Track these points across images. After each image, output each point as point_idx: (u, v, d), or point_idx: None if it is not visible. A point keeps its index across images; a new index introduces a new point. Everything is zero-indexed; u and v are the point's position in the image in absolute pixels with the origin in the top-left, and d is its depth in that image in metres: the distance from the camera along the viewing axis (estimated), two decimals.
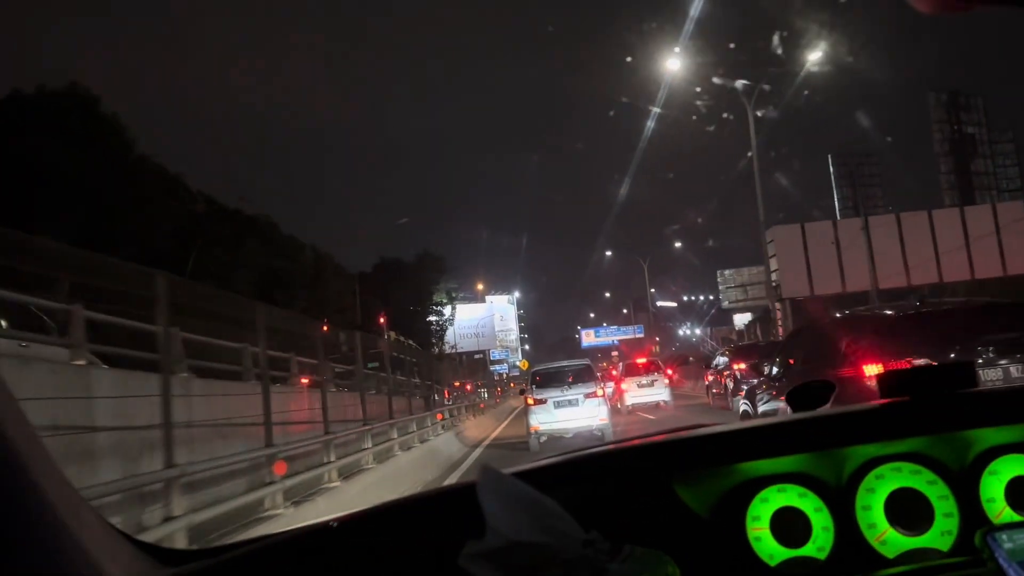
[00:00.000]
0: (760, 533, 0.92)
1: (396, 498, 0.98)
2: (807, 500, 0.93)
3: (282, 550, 0.89)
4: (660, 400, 19.20)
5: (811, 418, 1.03)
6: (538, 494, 0.77)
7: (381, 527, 0.91)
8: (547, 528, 0.76)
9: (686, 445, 1.01)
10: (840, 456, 0.95)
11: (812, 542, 0.91)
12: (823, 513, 0.92)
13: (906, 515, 0.91)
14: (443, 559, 0.74)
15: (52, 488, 0.64)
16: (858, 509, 0.92)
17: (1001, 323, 4.69)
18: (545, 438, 11.78)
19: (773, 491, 0.94)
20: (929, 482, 0.93)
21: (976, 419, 0.94)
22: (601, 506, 0.89)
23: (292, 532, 0.93)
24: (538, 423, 11.66)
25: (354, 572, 0.85)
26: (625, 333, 67.76)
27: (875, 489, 0.93)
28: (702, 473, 0.95)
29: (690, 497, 0.93)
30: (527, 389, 12.43)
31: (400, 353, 18.46)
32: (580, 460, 1.00)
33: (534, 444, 11.76)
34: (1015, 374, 4.24)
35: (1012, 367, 4.24)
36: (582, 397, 11.67)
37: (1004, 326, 4.63)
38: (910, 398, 0.98)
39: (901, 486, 0.93)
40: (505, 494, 0.78)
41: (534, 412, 11.79)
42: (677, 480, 0.93)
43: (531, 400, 11.93)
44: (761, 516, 0.92)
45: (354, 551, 0.87)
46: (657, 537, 0.83)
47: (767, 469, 0.95)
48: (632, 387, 19.69)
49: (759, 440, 0.97)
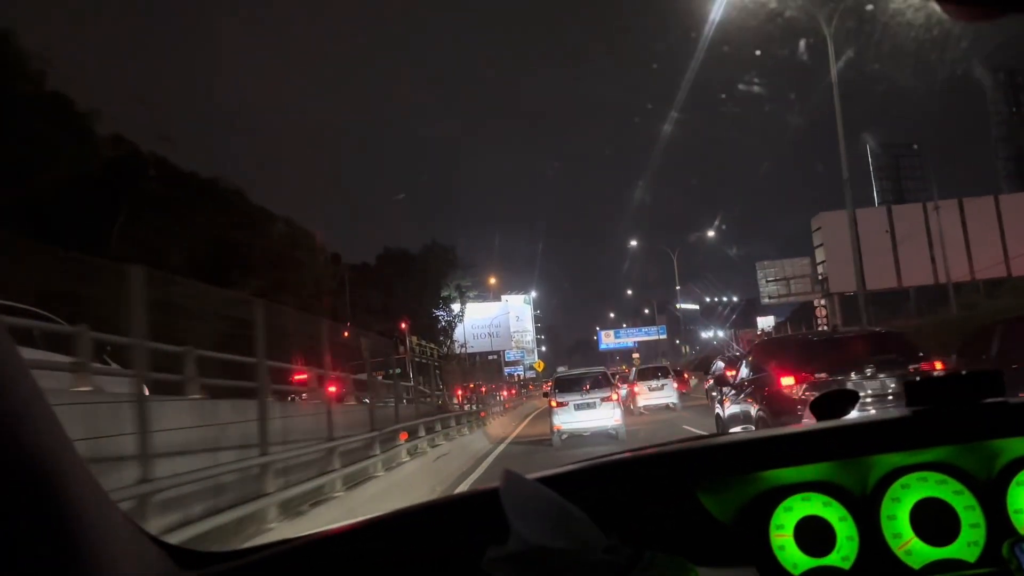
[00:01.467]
0: (784, 541, 0.93)
1: (421, 502, 1.00)
2: (831, 509, 0.94)
3: (304, 554, 0.91)
4: (669, 402, 21.56)
5: (835, 427, 1.04)
6: (561, 499, 0.79)
7: (405, 530, 0.93)
8: (569, 533, 0.77)
9: (710, 452, 1.02)
10: (865, 465, 0.96)
11: (836, 551, 0.92)
12: (848, 522, 0.93)
13: (932, 525, 0.92)
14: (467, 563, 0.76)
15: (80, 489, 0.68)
16: (883, 518, 0.93)
17: (883, 347, 6.64)
18: (567, 436, 13.91)
19: (797, 500, 0.95)
20: (955, 492, 0.94)
21: (1003, 428, 0.95)
22: (623, 512, 0.90)
23: (313, 536, 0.95)
24: (560, 423, 13.75)
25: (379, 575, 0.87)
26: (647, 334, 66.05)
27: (900, 499, 0.94)
28: (726, 481, 0.96)
29: (713, 505, 0.94)
30: (551, 393, 14.61)
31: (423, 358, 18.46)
32: (603, 466, 1.02)
33: (556, 441, 13.76)
34: (889, 385, 6.07)
35: (887, 380, 6.12)
36: (599, 400, 13.72)
37: (884, 350, 6.57)
38: (936, 407, 0.98)
39: (927, 496, 0.94)
40: (528, 499, 0.80)
41: (557, 413, 13.83)
42: (700, 487, 0.94)
43: (554, 403, 13.99)
44: (785, 524, 0.93)
45: (377, 555, 0.89)
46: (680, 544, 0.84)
47: (791, 477, 0.96)
48: (644, 390, 22.28)
49: (783, 448, 0.97)
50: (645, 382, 22.51)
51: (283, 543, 0.96)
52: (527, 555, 0.75)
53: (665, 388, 21.88)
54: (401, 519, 0.96)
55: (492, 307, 59.14)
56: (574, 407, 13.66)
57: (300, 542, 0.93)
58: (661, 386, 21.92)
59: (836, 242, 29.27)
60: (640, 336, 66.06)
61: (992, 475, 0.96)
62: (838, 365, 6.33)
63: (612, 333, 67.92)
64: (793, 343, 7.67)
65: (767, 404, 6.71)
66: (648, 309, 74.84)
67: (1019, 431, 0.95)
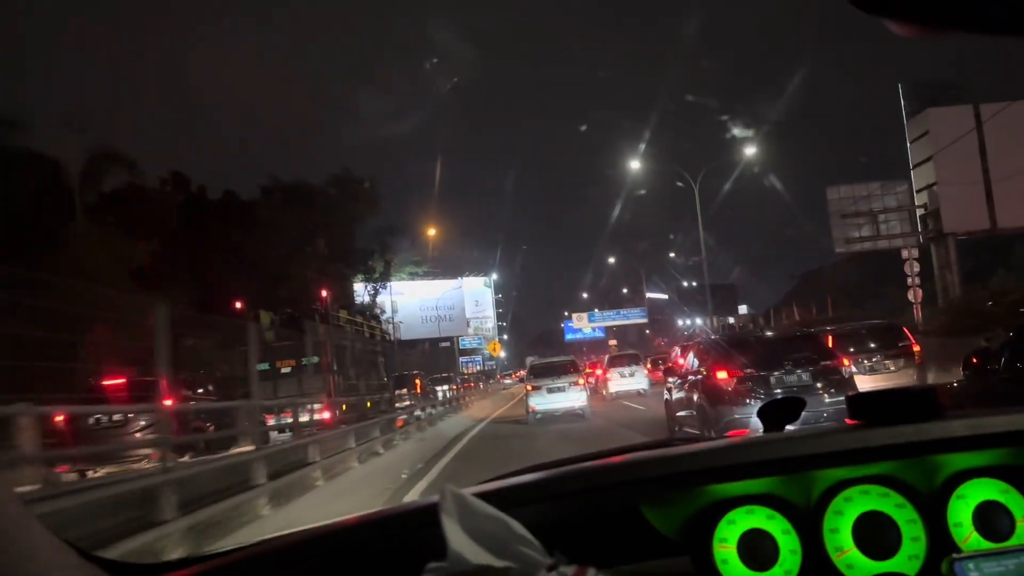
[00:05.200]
0: (727, 555, 0.97)
1: (356, 515, 1.02)
2: (775, 522, 0.99)
3: (237, 570, 0.93)
4: (639, 389, 23.68)
5: (780, 439, 1.09)
6: (501, 515, 0.82)
7: (339, 546, 0.95)
8: (510, 551, 0.80)
9: (654, 465, 1.05)
10: (809, 478, 1.01)
11: (779, 565, 0.97)
12: (791, 536, 0.98)
13: (874, 539, 0.97)
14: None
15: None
16: (826, 532, 0.98)
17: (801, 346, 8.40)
18: (540, 416, 16.49)
19: (741, 512, 0.99)
20: (897, 505, 0.99)
21: (944, 443, 1.00)
22: (567, 527, 0.93)
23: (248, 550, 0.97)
24: (535, 404, 16.63)
25: None
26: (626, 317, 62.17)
27: (843, 512, 0.99)
28: (670, 495, 1.00)
29: (657, 518, 0.98)
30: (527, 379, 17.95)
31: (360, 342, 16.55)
32: (546, 480, 1.05)
33: (532, 420, 16.45)
34: (804, 379, 7.74)
35: (803, 374, 7.80)
36: (568, 385, 16.63)
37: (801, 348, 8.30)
38: (879, 421, 1.04)
39: (869, 509, 0.99)
40: (467, 514, 0.82)
41: (532, 396, 16.76)
42: (644, 501, 0.99)
43: (530, 387, 17.09)
44: (728, 538, 0.98)
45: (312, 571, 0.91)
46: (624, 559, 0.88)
47: (736, 490, 1.00)
48: (615, 377, 24.48)
49: (728, 462, 1.01)
50: (616, 369, 24.82)
51: (221, 555, 0.98)
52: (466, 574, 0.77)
53: (636, 375, 24.26)
54: (336, 534, 0.98)
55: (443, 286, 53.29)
56: (547, 390, 16.51)
57: (234, 558, 0.95)
58: (632, 373, 24.35)
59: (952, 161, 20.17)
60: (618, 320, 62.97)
61: (934, 489, 1.01)
62: (763, 363, 7.98)
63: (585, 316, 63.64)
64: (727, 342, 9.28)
65: (705, 393, 8.30)
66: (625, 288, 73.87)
67: (960, 446, 1.00)
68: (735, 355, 8.32)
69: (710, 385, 8.23)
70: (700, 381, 8.58)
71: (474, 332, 61.88)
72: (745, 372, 7.96)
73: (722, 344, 9.10)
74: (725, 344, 9.04)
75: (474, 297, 62.44)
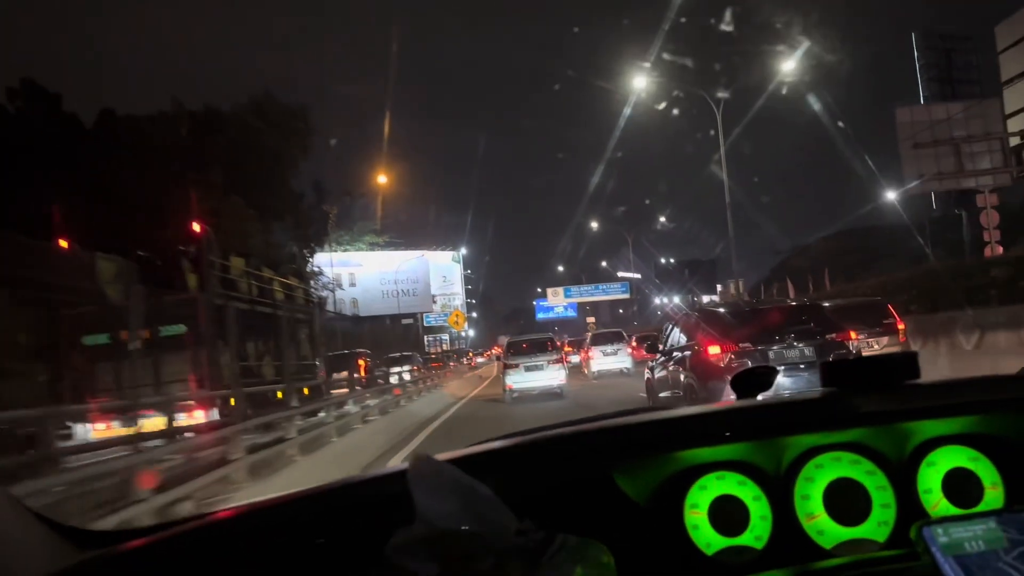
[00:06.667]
0: (698, 520, 1.05)
1: (327, 483, 1.08)
2: (746, 488, 1.07)
3: (204, 534, 0.99)
4: (622, 367, 24.39)
5: (752, 406, 1.17)
6: (471, 481, 0.88)
7: (310, 513, 1.02)
8: (479, 517, 0.86)
9: (625, 432, 1.13)
10: (780, 445, 1.09)
11: (750, 531, 1.05)
12: (762, 502, 1.06)
13: (844, 505, 1.06)
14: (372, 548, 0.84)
15: None
16: (797, 498, 1.06)
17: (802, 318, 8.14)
18: (517, 394, 17.23)
19: (712, 479, 1.07)
20: (868, 472, 1.08)
21: (915, 411, 1.09)
22: (539, 493, 1.00)
23: (216, 515, 1.03)
24: (511, 383, 17.26)
25: (279, 558, 0.95)
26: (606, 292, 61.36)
27: (814, 478, 1.07)
28: (641, 460, 1.07)
29: (629, 485, 1.05)
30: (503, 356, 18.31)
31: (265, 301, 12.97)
32: (519, 447, 1.12)
33: (508, 399, 17.17)
34: (807, 354, 7.53)
35: (804, 348, 7.59)
36: (546, 363, 17.36)
37: (803, 320, 8.06)
38: (851, 388, 1.12)
39: (840, 476, 1.07)
40: (437, 481, 0.88)
41: (509, 374, 17.36)
42: (616, 468, 1.06)
43: (506, 365, 17.63)
44: (699, 504, 1.06)
45: (280, 536, 0.97)
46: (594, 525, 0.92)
47: (707, 456, 1.08)
48: (598, 355, 25.05)
49: (699, 428, 1.10)
50: (599, 347, 25.38)
51: (186, 521, 1.04)
52: (434, 539, 0.83)
53: (619, 354, 24.93)
54: (306, 500, 1.04)
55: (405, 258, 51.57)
56: (524, 368, 17.26)
57: (201, 522, 1.01)
58: (615, 351, 24.99)
59: None
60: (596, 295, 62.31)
61: (904, 456, 1.10)
62: (761, 336, 7.69)
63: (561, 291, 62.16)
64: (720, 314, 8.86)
65: (694, 371, 8.02)
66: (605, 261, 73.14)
67: (931, 413, 1.09)
68: (729, 327, 8.01)
69: (700, 361, 7.91)
70: (688, 357, 8.29)
71: (441, 309, 60.70)
72: (740, 347, 7.66)
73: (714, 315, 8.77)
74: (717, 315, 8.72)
75: (441, 272, 60.77)
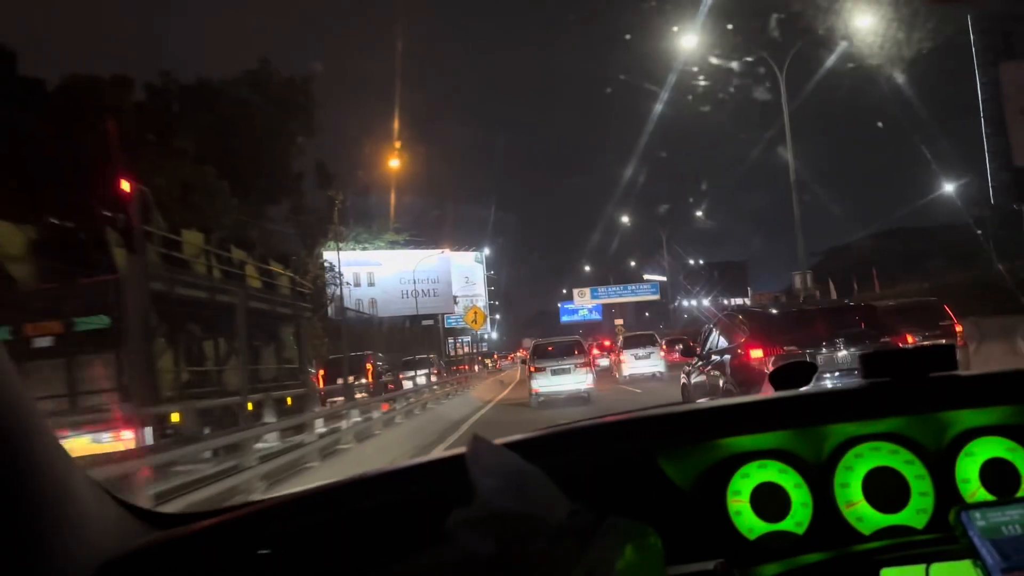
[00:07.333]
0: (740, 507, 1.14)
1: (388, 467, 1.19)
2: (787, 476, 1.15)
3: (271, 516, 1.09)
4: (656, 371, 24.50)
5: (793, 396, 1.25)
6: (526, 464, 0.96)
7: (372, 494, 1.12)
8: (534, 498, 0.94)
9: (671, 420, 1.22)
10: (820, 434, 1.17)
11: (791, 517, 1.13)
12: (802, 489, 1.14)
13: (883, 493, 1.13)
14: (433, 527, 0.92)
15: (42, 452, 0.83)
16: (836, 486, 1.15)
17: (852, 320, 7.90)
18: (543, 399, 17.55)
19: (754, 467, 1.16)
20: (907, 462, 1.15)
21: (954, 401, 1.16)
22: (587, 478, 1.08)
23: (280, 498, 1.13)
24: (538, 386, 17.58)
25: (344, 538, 1.05)
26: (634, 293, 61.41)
27: (853, 467, 1.15)
28: (686, 448, 1.16)
29: (673, 471, 1.14)
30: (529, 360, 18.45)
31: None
32: (569, 432, 1.21)
33: (534, 403, 17.53)
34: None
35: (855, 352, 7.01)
36: (574, 366, 17.54)
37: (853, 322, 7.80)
38: (891, 379, 1.19)
39: (879, 465, 1.15)
40: (494, 464, 0.96)
41: (535, 377, 17.66)
42: (662, 454, 1.14)
43: (533, 368, 17.86)
44: (742, 491, 1.15)
45: (344, 518, 1.07)
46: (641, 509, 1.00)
47: (749, 445, 1.16)
48: (630, 359, 25.22)
49: (742, 416, 1.18)
50: (631, 351, 25.50)
51: (248, 505, 1.13)
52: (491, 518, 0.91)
53: (652, 357, 24.98)
54: (370, 482, 1.14)
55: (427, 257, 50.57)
56: (551, 372, 17.54)
57: (266, 504, 1.11)
58: (648, 355, 25.06)
59: None
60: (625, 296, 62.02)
61: (942, 446, 1.17)
62: (808, 338, 7.37)
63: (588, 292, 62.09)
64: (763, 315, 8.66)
65: (735, 376, 7.71)
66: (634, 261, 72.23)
67: (968, 403, 1.16)
68: (773, 330, 7.75)
69: (741, 365, 7.63)
70: (728, 361, 8.03)
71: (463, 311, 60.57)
72: (785, 350, 7.34)
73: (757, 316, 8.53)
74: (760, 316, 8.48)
75: (463, 273, 60.69)
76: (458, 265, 59.45)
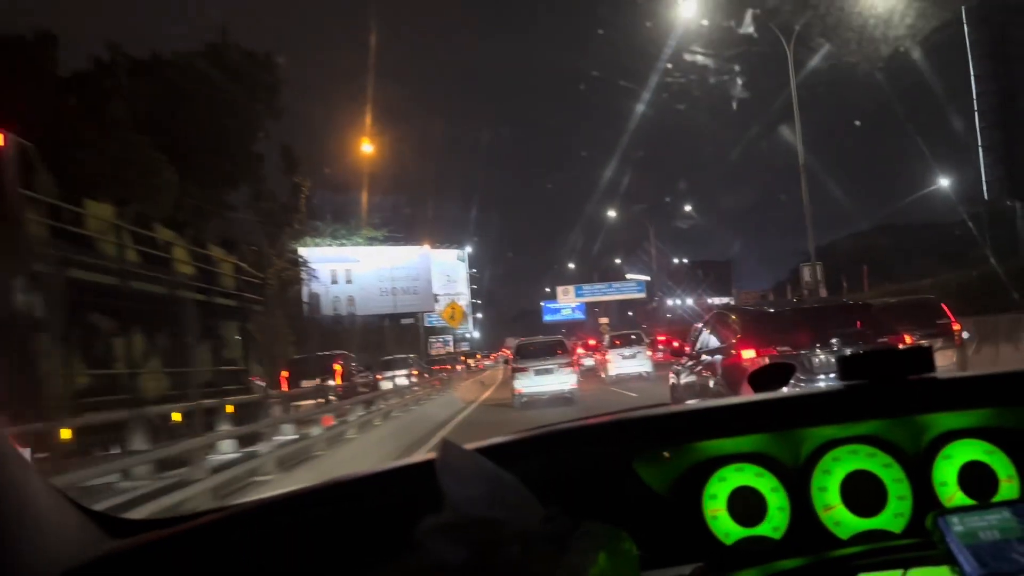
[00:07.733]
0: (717, 512, 1.15)
1: (357, 473, 1.18)
2: (764, 480, 1.16)
3: (237, 522, 1.08)
4: (642, 371, 24.55)
5: (770, 399, 1.27)
6: (498, 469, 0.96)
7: (341, 500, 1.12)
8: (506, 504, 0.94)
9: (646, 424, 1.23)
10: (798, 437, 1.18)
11: (768, 521, 1.15)
12: (779, 493, 1.16)
13: (861, 497, 1.15)
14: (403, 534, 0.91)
15: None
16: (814, 490, 1.16)
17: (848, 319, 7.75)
18: (526, 399, 17.53)
19: (731, 470, 1.17)
20: (884, 465, 1.17)
21: (932, 403, 1.18)
22: (562, 483, 1.08)
23: (248, 504, 1.13)
24: (521, 387, 17.57)
25: (312, 547, 1.04)
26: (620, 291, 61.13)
27: (831, 471, 1.17)
28: (661, 452, 1.18)
29: (649, 475, 1.15)
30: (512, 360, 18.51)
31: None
32: (542, 437, 1.22)
33: (517, 403, 17.46)
34: None
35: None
36: (557, 367, 17.60)
37: (849, 321, 7.67)
38: (868, 381, 1.21)
39: (857, 468, 1.16)
40: (465, 469, 0.96)
41: (518, 377, 17.69)
42: (637, 458, 1.15)
43: (515, 368, 17.88)
44: (718, 495, 1.16)
45: (311, 524, 1.07)
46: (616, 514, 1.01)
47: (726, 448, 1.17)
48: (616, 359, 25.15)
49: (718, 419, 1.19)
50: (617, 350, 25.46)
51: (215, 511, 1.13)
52: (461, 525, 0.91)
53: (638, 357, 25.03)
54: (339, 488, 1.14)
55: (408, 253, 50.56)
56: (534, 372, 17.58)
57: (231, 511, 1.11)
58: (634, 355, 25.07)
59: None
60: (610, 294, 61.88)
61: (920, 449, 1.19)
62: (803, 339, 7.30)
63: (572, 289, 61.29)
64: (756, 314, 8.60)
65: (725, 376, 7.64)
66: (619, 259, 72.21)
67: (946, 406, 1.18)
68: (766, 329, 7.71)
69: (732, 366, 7.57)
70: (719, 361, 8.00)
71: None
72: (779, 351, 7.31)
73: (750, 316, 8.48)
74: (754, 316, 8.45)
75: (445, 271, 60.40)
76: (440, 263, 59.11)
